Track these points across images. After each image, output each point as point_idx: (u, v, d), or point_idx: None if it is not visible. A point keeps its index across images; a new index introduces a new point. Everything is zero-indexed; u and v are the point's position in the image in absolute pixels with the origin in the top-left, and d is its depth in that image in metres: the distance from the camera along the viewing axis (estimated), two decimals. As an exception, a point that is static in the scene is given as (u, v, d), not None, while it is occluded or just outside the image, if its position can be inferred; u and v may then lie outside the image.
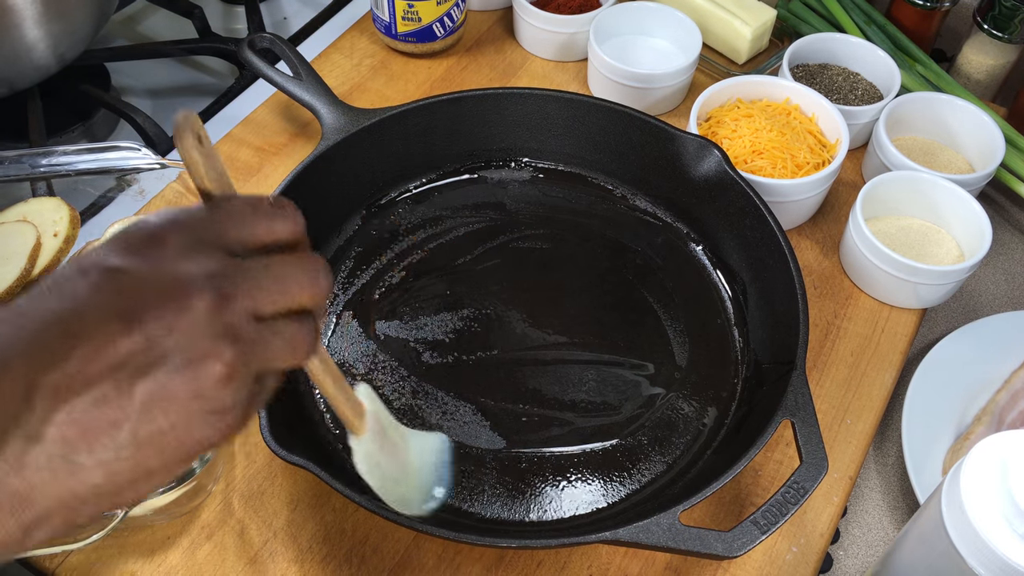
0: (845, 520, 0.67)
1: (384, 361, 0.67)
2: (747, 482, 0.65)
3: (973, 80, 0.91)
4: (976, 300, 0.80)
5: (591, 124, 0.76)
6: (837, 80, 0.87)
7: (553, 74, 0.92)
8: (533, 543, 0.52)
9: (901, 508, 0.68)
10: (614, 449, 0.63)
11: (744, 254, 0.71)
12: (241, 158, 0.83)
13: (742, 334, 0.69)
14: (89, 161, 0.71)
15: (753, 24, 0.89)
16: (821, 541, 0.63)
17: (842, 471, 0.66)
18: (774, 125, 0.78)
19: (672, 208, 0.76)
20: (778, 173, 0.76)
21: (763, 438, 0.56)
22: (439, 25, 0.89)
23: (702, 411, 0.65)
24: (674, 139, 0.73)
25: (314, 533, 0.61)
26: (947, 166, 0.82)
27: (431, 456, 0.52)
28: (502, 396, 0.65)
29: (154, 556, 0.60)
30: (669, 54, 0.91)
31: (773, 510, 0.53)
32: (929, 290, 0.72)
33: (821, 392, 0.70)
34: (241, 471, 0.64)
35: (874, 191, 0.75)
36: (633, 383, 0.66)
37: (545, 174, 0.79)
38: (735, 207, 0.71)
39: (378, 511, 0.52)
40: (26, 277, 0.64)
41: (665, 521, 0.52)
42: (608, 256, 0.74)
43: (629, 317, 0.70)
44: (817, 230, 0.80)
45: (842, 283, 0.76)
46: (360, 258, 0.73)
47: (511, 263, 0.73)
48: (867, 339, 0.73)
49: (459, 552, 0.61)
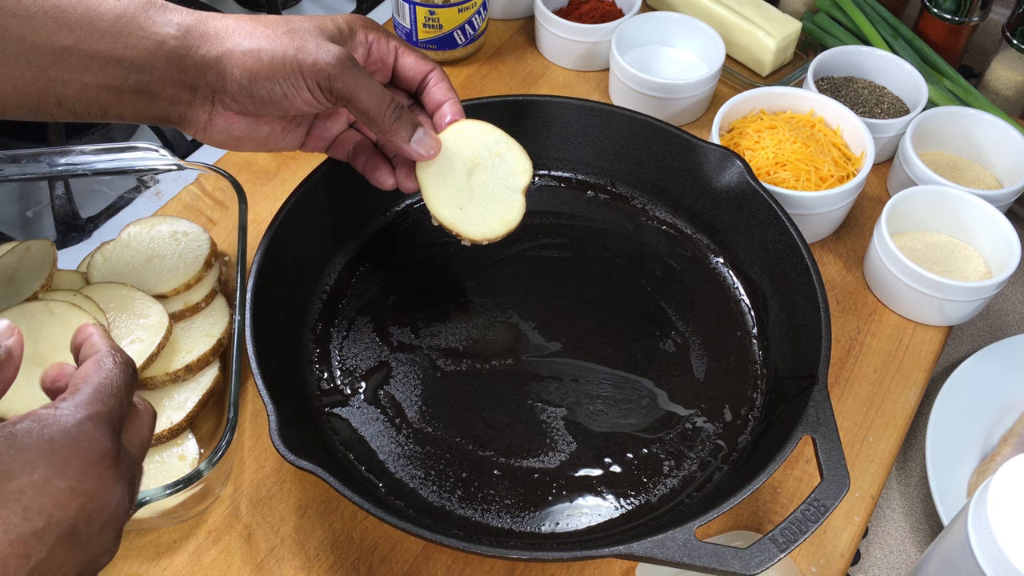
0: (866, 541, 0.66)
1: (397, 367, 0.66)
2: (765, 499, 0.63)
3: (1002, 96, 0.89)
4: (1003, 319, 0.78)
5: (611, 133, 0.75)
6: (863, 93, 0.85)
7: (574, 83, 0.91)
8: (545, 556, 0.51)
9: (924, 530, 0.66)
10: (630, 462, 0.62)
11: (766, 267, 0.69)
12: (259, 162, 0.82)
13: (762, 348, 0.68)
14: (107, 161, 0.71)
15: (778, 36, 0.88)
16: (841, 562, 0.61)
17: (864, 490, 0.64)
18: (798, 137, 0.76)
19: (693, 219, 0.75)
20: (801, 185, 0.75)
21: (783, 453, 0.54)
22: (460, 33, 0.89)
23: (720, 425, 0.64)
24: (695, 149, 0.72)
25: (322, 540, 0.60)
26: (975, 182, 0.80)
27: None
28: (515, 406, 0.64)
29: (159, 560, 0.59)
30: (692, 65, 0.90)
31: (792, 528, 0.51)
32: (955, 307, 0.71)
33: (843, 409, 0.68)
34: (250, 475, 0.63)
35: (900, 206, 0.74)
36: (650, 396, 0.65)
37: (564, 183, 0.78)
38: (757, 219, 0.69)
39: (387, 520, 0.51)
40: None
41: (680, 536, 0.51)
42: (627, 267, 0.73)
43: (647, 329, 0.69)
44: (841, 244, 0.79)
45: (866, 298, 0.75)
46: (375, 263, 0.72)
47: (528, 272, 0.72)
48: (891, 356, 0.71)
49: (469, 564, 0.60)
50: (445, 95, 0.63)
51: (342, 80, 0.55)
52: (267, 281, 0.62)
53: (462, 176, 0.62)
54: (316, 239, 0.70)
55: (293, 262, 0.67)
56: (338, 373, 0.66)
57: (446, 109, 0.63)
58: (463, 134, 0.63)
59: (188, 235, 0.71)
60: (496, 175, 0.63)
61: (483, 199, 0.63)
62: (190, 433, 0.63)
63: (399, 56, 0.63)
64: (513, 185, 0.63)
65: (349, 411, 0.64)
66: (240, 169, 0.81)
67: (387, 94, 0.57)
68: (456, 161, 0.62)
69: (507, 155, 0.63)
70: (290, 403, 0.58)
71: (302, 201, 0.67)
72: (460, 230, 0.62)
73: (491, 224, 0.63)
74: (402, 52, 0.63)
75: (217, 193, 0.75)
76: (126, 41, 0.53)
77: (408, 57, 0.63)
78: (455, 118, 0.63)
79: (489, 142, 0.63)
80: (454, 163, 0.62)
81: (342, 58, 0.55)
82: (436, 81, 0.63)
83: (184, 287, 0.67)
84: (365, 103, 0.56)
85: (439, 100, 0.63)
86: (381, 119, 0.57)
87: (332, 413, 0.64)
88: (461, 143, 0.62)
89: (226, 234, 0.74)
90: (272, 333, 0.61)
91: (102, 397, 0.40)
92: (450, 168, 0.62)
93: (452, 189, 0.62)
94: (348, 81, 0.55)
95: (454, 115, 0.63)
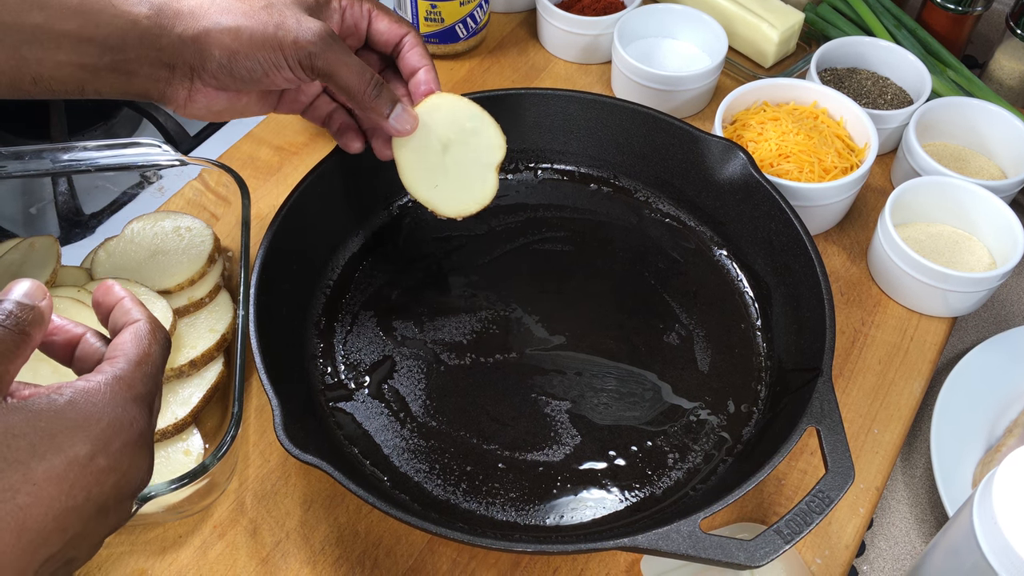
0: (871, 532, 0.66)
1: (401, 361, 0.66)
2: (770, 491, 0.63)
3: (1006, 86, 0.89)
4: (1008, 310, 0.78)
5: (614, 126, 0.75)
6: (866, 84, 0.85)
7: (576, 76, 0.91)
8: (550, 548, 0.51)
9: (929, 521, 0.66)
10: (634, 455, 0.62)
11: (769, 259, 0.69)
12: (261, 157, 0.82)
13: (766, 340, 0.68)
14: (109, 157, 0.71)
15: (780, 27, 0.88)
16: (846, 553, 0.61)
17: (868, 482, 0.64)
18: (801, 128, 0.76)
19: (696, 211, 0.75)
20: (805, 177, 0.74)
21: (787, 444, 0.54)
22: (462, 26, 0.89)
23: (724, 418, 0.64)
24: (698, 141, 0.72)
25: (327, 534, 0.60)
26: (979, 172, 0.80)
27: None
28: (520, 399, 0.64)
29: (165, 554, 0.59)
30: (694, 57, 0.90)
31: (797, 519, 0.51)
32: (959, 298, 0.70)
33: (847, 401, 0.68)
34: (255, 470, 0.63)
35: (903, 197, 0.73)
36: (654, 388, 0.65)
37: (567, 176, 0.78)
38: (760, 211, 0.69)
39: (392, 513, 0.51)
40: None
41: (685, 528, 0.51)
42: (630, 260, 0.73)
43: (651, 322, 0.69)
44: (844, 236, 0.78)
45: (870, 290, 0.75)
46: (379, 257, 0.72)
47: (531, 265, 0.72)
48: (895, 347, 0.71)
49: (474, 557, 0.60)
50: (420, 61, 0.63)
51: (323, 58, 0.55)
52: (270, 276, 0.62)
53: (437, 152, 0.63)
54: (319, 234, 0.70)
55: (296, 257, 0.67)
56: (342, 367, 0.66)
57: (421, 77, 0.63)
58: (438, 109, 0.63)
59: (191, 231, 0.71)
60: (470, 151, 0.64)
61: (457, 176, 0.64)
62: (195, 428, 0.63)
63: (373, 20, 0.63)
64: (486, 161, 0.64)
65: (353, 405, 0.64)
66: (243, 164, 0.81)
67: (367, 71, 0.58)
68: (431, 137, 0.63)
69: (481, 131, 0.64)
70: (294, 398, 0.58)
71: (305, 196, 0.67)
72: (435, 207, 0.64)
73: (464, 201, 0.65)
74: (376, 16, 0.63)
75: (220, 188, 0.75)
76: (97, 19, 0.52)
77: (382, 21, 0.63)
78: (430, 87, 0.63)
79: (463, 118, 0.64)
80: (429, 139, 0.63)
81: (322, 35, 0.55)
82: (411, 46, 0.63)
83: (188, 283, 0.67)
84: (346, 80, 0.57)
85: (414, 66, 0.63)
86: (361, 96, 0.58)
87: (336, 407, 0.64)
88: (436, 118, 0.63)
89: (229, 229, 0.74)
90: (276, 328, 0.61)
91: (144, 378, 0.40)
92: (425, 144, 0.63)
93: (427, 165, 0.63)
94: (329, 59, 0.56)
95: (428, 84, 0.63)
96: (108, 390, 0.39)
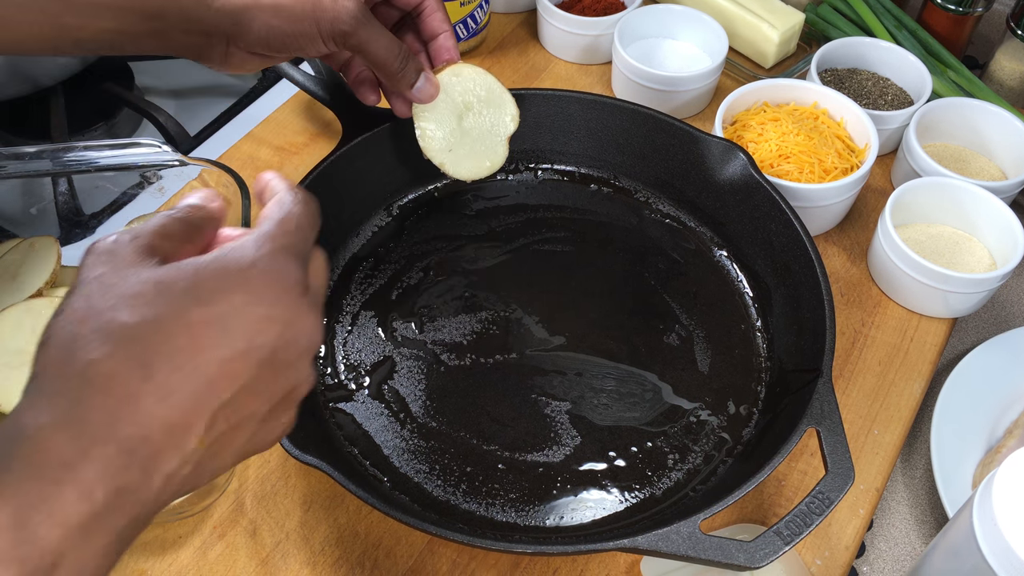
0: (871, 534, 0.66)
1: (401, 362, 0.66)
2: (770, 492, 0.63)
3: (1006, 87, 0.89)
4: (1008, 311, 0.78)
5: (614, 126, 0.75)
6: (866, 85, 0.85)
7: (577, 77, 0.91)
8: (549, 549, 0.51)
9: (929, 522, 0.66)
10: (634, 456, 0.62)
11: (769, 260, 0.69)
12: (262, 157, 0.82)
13: (766, 340, 0.68)
14: (110, 157, 0.71)
15: (781, 28, 0.88)
16: (846, 554, 0.61)
17: (868, 483, 0.64)
18: (801, 129, 0.76)
19: (696, 212, 0.75)
20: (805, 178, 0.74)
21: (787, 445, 0.54)
22: (462, 27, 0.88)
23: (724, 419, 0.64)
24: (698, 142, 0.72)
25: (327, 535, 0.60)
26: (979, 173, 0.80)
27: None
28: (520, 400, 0.64)
29: (165, 555, 0.59)
30: (695, 57, 0.90)
31: (797, 520, 0.51)
32: (960, 299, 0.70)
33: (847, 402, 0.68)
34: (254, 471, 0.63)
35: (904, 197, 0.73)
36: (654, 389, 0.65)
37: (567, 177, 0.78)
38: (760, 211, 0.69)
39: (392, 514, 0.51)
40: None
41: (685, 529, 0.51)
42: (630, 260, 0.73)
43: (651, 322, 0.69)
44: (844, 237, 0.78)
45: (870, 291, 0.75)
46: (379, 258, 0.72)
47: (532, 266, 0.72)
48: (895, 348, 0.71)
49: (474, 558, 0.60)
50: (441, 25, 0.67)
51: (357, 36, 0.59)
52: (270, 276, 0.62)
53: (454, 118, 0.68)
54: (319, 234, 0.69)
55: (296, 257, 0.66)
56: (342, 368, 0.66)
57: (442, 43, 0.67)
58: (459, 76, 0.67)
59: (191, 231, 0.71)
60: (486, 120, 0.69)
61: (471, 142, 0.69)
62: (195, 429, 0.63)
63: None
64: (500, 132, 0.70)
65: (353, 406, 0.64)
66: (243, 164, 0.81)
67: (396, 45, 0.61)
68: (450, 103, 0.68)
69: (497, 102, 0.69)
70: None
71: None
72: (447, 169, 0.69)
73: (477, 166, 0.70)
74: None
75: (220, 189, 0.75)
76: None
77: None
78: (452, 55, 0.67)
79: (480, 88, 0.68)
80: (448, 105, 0.67)
81: (357, 14, 0.59)
82: (432, 9, 0.66)
83: (188, 283, 0.67)
84: (376, 55, 0.61)
85: (435, 30, 0.67)
86: (390, 69, 0.62)
87: (336, 408, 0.64)
88: (456, 85, 0.67)
89: (229, 230, 0.74)
90: (276, 328, 0.61)
91: (287, 231, 0.40)
92: (444, 109, 0.67)
93: (444, 130, 0.67)
94: (362, 36, 0.60)
95: (450, 52, 0.67)
96: (254, 243, 0.38)
